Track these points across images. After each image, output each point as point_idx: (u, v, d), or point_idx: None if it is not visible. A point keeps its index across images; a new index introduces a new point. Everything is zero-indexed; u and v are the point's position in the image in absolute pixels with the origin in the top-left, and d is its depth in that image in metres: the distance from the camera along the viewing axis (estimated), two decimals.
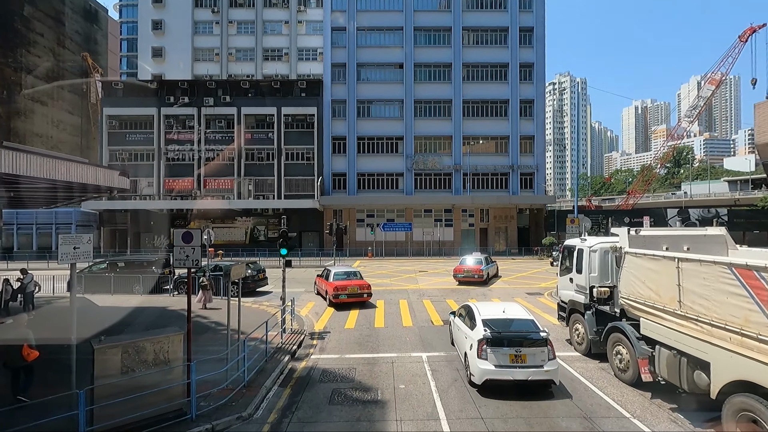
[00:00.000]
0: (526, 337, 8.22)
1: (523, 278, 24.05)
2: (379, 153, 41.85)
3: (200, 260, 9.06)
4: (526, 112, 41.99)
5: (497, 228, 42.22)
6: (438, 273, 26.30)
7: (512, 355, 8.05)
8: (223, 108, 41.31)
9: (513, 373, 7.94)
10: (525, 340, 8.17)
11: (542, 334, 8.25)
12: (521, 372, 7.94)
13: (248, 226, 42.02)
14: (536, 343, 8.13)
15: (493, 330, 8.31)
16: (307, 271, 27.93)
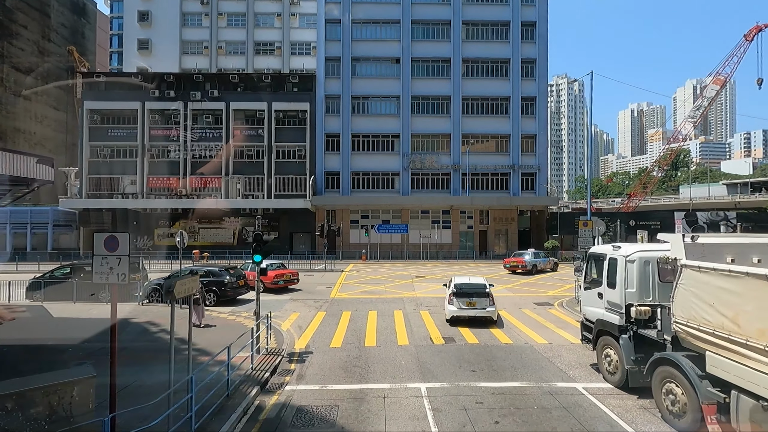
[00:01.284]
0: (476, 292, 13.90)
1: (528, 285, 22.27)
2: (374, 151, 40.02)
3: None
4: (527, 109, 40.30)
5: (497, 230, 40.46)
6: (436, 279, 24.47)
7: (467, 302, 13.72)
8: (211, 103, 39.33)
9: (467, 312, 13.69)
10: (475, 294, 13.83)
11: (486, 290, 13.99)
12: (472, 311, 13.68)
13: (236, 226, 40.03)
14: (482, 295, 13.80)
15: (459, 288, 14.07)
16: None
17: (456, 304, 13.64)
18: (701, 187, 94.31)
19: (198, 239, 39.52)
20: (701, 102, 55.29)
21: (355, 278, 24.78)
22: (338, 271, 27.71)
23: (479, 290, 13.81)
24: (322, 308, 16.54)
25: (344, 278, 24.86)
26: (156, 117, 39.17)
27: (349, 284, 22.54)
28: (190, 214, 39.66)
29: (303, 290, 20.68)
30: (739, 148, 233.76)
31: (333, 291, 20.39)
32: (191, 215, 39.70)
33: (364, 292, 20.19)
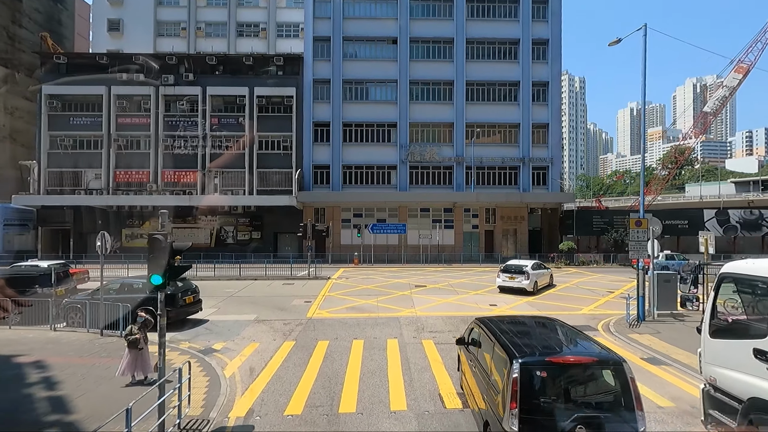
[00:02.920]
0: (516, 271, 18.88)
1: (554, 297, 18.22)
2: (368, 142, 35.90)
3: None
4: (539, 96, 36.25)
5: (505, 230, 36.42)
6: (440, 289, 20.40)
7: (509, 276, 18.85)
8: (186, 87, 35.13)
9: (510, 283, 18.73)
10: (515, 272, 18.80)
11: (524, 269, 18.79)
12: (512, 283, 18.62)
13: (214, 226, 35.85)
14: (520, 272, 18.72)
15: (505, 267, 19.50)
16: (273, 285, 21.88)
17: (501, 277, 19.25)
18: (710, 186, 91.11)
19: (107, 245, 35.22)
20: (722, 92, 51.40)
21: (343, 288, 20.68)
22: (324, 279, 23.59)
23: (517, 269, 19.11)
24: (292, 335, 12.43)
25: (329, 288, 20.74)
26: (124, 104, 34.93)
27: (334, 297, 18.43)
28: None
29: (275, 306, 16.55)
30: (740, 147, 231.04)
31: (312, 307, 16.28)
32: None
33: (351, 308, 16.09)
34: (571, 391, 5.00)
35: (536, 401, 4.83)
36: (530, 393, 4.86)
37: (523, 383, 4.85)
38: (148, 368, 8.70)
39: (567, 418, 4.60)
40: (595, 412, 4.77)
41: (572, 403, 4.85)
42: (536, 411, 4.77)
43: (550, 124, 35.85)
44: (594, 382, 5.07)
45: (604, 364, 5.06)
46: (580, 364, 5.02)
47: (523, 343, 5.57)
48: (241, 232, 35.75)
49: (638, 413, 4.73)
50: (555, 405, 4.83)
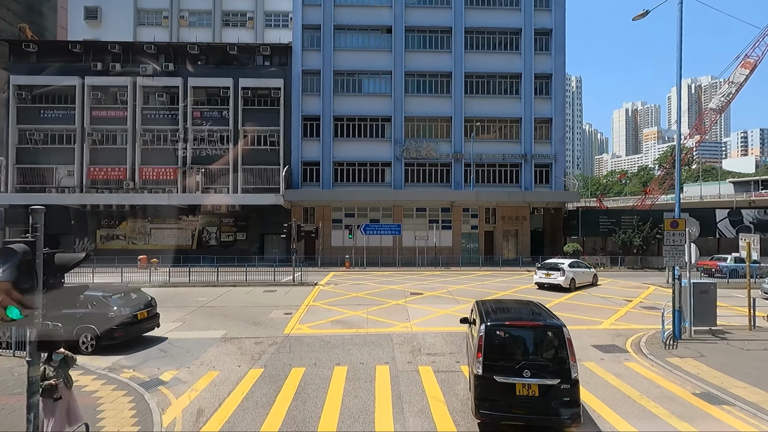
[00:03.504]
0: (552, 267, 19.98)
1: (567, 307, 16.17)
2: (361, 137, 33.79)
3: None
4: (542, 89, 34.29)
5: (506, 231, 34.41)
6: (438, 298, 18.32)
7: (546, 273, 19.94)
8: (166, 78, 32.88)
9: (546, 279, 19.78)
10: (551, 269, 19.91)
11: (560, 266, 19.86)
12: (551, 280, 19.62)
13: (196, 227, 33.56)
14: (556, 269, 19.80)
15: (541, 265, 20.73)
16: (253, 292, 19.69)
17: (539, 274, 20.26)
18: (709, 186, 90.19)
19: (150, 242, 33.07)
20: (728, 88, 49.67)
21: (330, 296, 18.54)
22: (310, 285, 21.42)
23: (553, 266, 20.12)
24: (262, 359, 10.28)
25: (315, 296, 18.59)
26: (99, 95, 32.61)
27: (318, 307, 16.28)
28: (141, 213, 33.12)
29: (249, 319, 14.37)
30: (735, 147, 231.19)
31: (292, 321, 14.12)
32: (141, 213, 33.17)
33: (336, 322, 13.95)
34: (522, 346, 6.62)
35: (495, 352, 6.46)
36: (491, 347, 6.47)
37: (487, 339, 6.49)
38: (78, 417, 6.40)
39: (516, 363, 6.31)
40: (537, 360, 6.41)
41: (522, 354, 6.49)
42: (495, 359, 6.41)
43: (553, 119, 33.90)
44: (540, 340, 6.65)
45: (548, 328, 6.64)
46: (530, 327, 6.68)
47: (495, 315, 7.11)
48: (225, 233, 33.50)
49: (571, 363, 6.28)
50: (509, 355, 6.48)
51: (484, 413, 6.35)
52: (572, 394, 6.20)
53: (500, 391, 6.29)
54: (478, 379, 6.40)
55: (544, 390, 6.21)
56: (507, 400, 6.26)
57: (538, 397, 6.20)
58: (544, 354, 6.53)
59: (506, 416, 6.31)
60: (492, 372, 6.33)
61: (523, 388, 6.22)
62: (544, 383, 6.21)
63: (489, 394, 6.35)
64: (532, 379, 6.22)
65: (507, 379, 6.26)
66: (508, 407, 6.27)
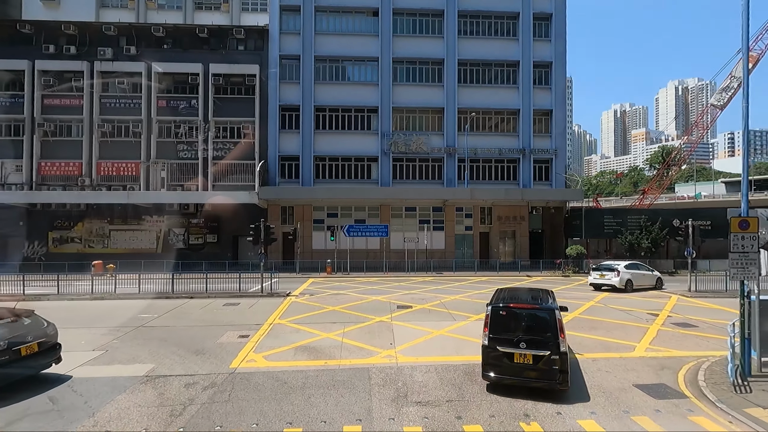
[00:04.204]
0: (607, 268, 20.06)
1: (583, 321, 13.40)
2: (344, 129, 30.87)
3: None
4: (541, 78, 31.71)
5: (502, 232, 31.73)
6: (431, 312, 15.47)
7: (600, 274, 20.02)
8: (127, 63, 29.62)
9: (602, 280, 19.82)
10: (605, 270, 20.00)
11: (614, 268, 19.88)
12: (605, 281, 19.75)
13: (161, 228, 30.28)
14: (610, 270, 19.80)
15: (596, 266, 20.94)
16: (211, 306, 16.59)
17: (593, 275, 20.48)
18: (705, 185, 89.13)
19: (109, 245, 29.71)
20: (729, 83, 47.74)
21: (302, 311, 15.54)
22: (281, 296, 18.39)
23: (607, 267, 20.34)
24: (183, 416, 7.24)
25: (284, 311, 15.59)
26: (51, 81, 29.18)
27: (284, 327, 13.29)
28: (99, 212, 29.77)
29: (191, 346, 11.32)
30: (723, 148, 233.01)
31: (245, 348, 11.09)
32: (100, 213, 29.81)
33: (302, 349, 10.98)
34: (520, 323, 8.05)
35: (498, 328, 7.98)
36: (495, 323, 8.01)
37: (492, 317, 8.08)
38: None
39: (515, 337, 7.85)
40: (532, 335, 7.83)
41: (520, 330, 7.95)
42: (498, 333, 7.95)
43: (553, 111, 31.33)
44: (536, 319, 8.05)
45: (542, 310, 8.13)
46: (527, 309, 8.22)
47: (503, 300, 8.58)
48: (194, 235, 30.27)
49: (560, 338, 7.66)
50: (509, 330, 7.96)
51: (488, 375, 7.89)
52: (560, 363, 7.50)
53: (502, 358, 7.77)
54: (485, 349, 7.93)
55: (537, 359, 7.58)
56: (507, 366, 7.73)
57: (532, 364, 7.59)
58: (537, 331, 7.81)
59: (505, 378, 7.79)
60: (495, 343, 7.81)
61: (520, 356, 7.65)
62: (536, 353, 7.57)
63: (493, 360, 7.84)
64: (527, 350, 7.61)
65: (507, 349, 7.72)
66: (507, 371, 7.75)
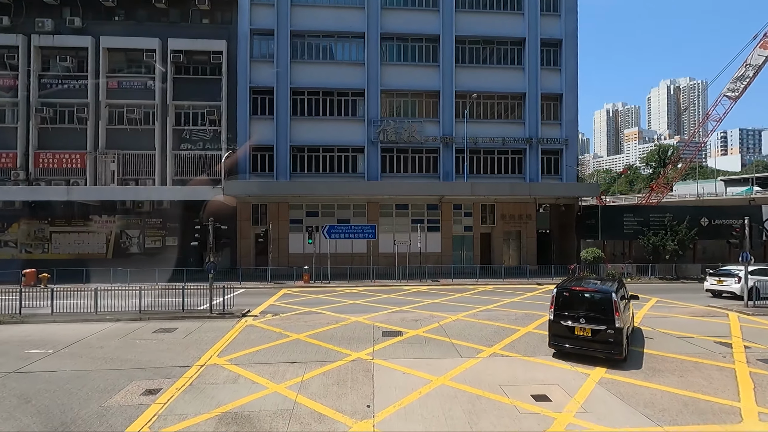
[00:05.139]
0: (725, 274, 18.42)
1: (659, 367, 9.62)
2: (326, 116, 26.92)
3: None
4: (549, 58, 28.02)
5: (506, 233, 27.98)
6: (426, 342, 11.62)
7: (717, 279, 18.47)
8: (71, 37, 25.41)
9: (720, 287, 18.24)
10: (724, 275, 18.37)
11: (735, 272, 17.94)
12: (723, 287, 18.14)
13: (112, 229, 26.06)
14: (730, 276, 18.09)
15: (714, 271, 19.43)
16: (136, 333, 12.52)
17: (709, 281, 18.91)
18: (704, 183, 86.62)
19: (50, 249, 25.44)
20: (744, 71, 44.52)
21: (254, 342, 11.57)
22: (234, 318, 14.36)
23: (728, 273, 18.45)
24: None
25: (229, 341, 11.60)
26: None
27: (218, 372, 9.32)
28: (38, 210, 25.49)
29: (60, 417, 7.29)
30: (716, 147, 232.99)
31: (144, 416, 7.12)
32: (39, 211, 25.52)
33: (228, 419, 7.04)
34: (581, 303, 9.64)
35: (562, 306, 9.69)
36: (559, 302, 9.72)
37: (557, 297, 9.77)
38: None
39: (576, 313, 9.53)
40: (591, 313, 9.43)
41: (581, 308, 9.56)
42: (562, 310, 9.66)
43: (563, 95, 27.64)
44: (595, 300, 9.55)
45: (600, 292, 9.57)
46: (586, 291, 9.74)
47: (568, 283, 10.57)
48: (151, 237, 26.10)
49: (616, 316, 9.12)
50: (572, 308, 9.61)
51: (554, 344, 9.78)
52: (615, 336, 9.09)
53: (565, 330, 9.56)
54: (551, 322, 9.77)
55: (595, 332, 9.27)
56: (569, 337, 9.53)
57: (590, 336, 9.30)
58: (596, 309, 9.41)
59: (567, 347, 9.61)
60: (560, 318, 9.63)
61: (580, 329, 9.39)
62: (594, 328, 9.28)
63: (558, 332, 9.70)
64: (586, 324, 9.34)
65: (569, 323, 9.51)
66: (569, 341, 9.54)
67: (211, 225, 14.57)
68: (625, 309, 10.01)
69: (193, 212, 25.35)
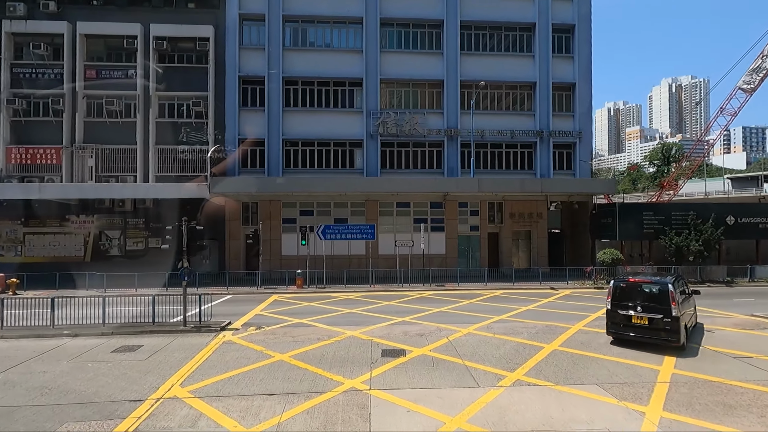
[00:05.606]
0: None
1: (701, 384, 7.74)
2: (321, 107, 25.05)
3: None
4: (561, 45, 26.13)
5: (515, 233, 26.09)
6: (435, 363, 9.74)
7: None
8: (46, 23, 23.57)
9: None
10: None
11: None
12: None
13: (90, 230, 24.19)
14: None
15: None
16: (89, 354, 10.64)
17: None
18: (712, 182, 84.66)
19: (24, 252, 23.61)
20: (761, 63, 42.56)
21: (228, 366, 9.69)
22: (212, 331, 12.46)
23: None
24: None
25: (199, 364, 9.71)
26: None
27: (176, 408, 7.45)
28: (11, 210, 23.61)
29: None
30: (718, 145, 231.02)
31: None
32: (11, 212, 23.66)
33: None
34: (638, 294, 10.39)
35: (619, 296, 10.51)
36: (616, 293, 10.56)
37: (613, 289, 10.67)
38: None
39: (633, 302, 10.32)
40: (648, 302, 10.18)
41: (638, 298, 10.33)
42: (618, 300, 10.48)
43: (577, 84, 25.74)
44: (652, 291, 10.26)
45: (656, 284, 10.32)
46: (642, 283, 10.53)
47: (624, 275, 12.17)
48: (133, 238, 24.23)
49: (672, 306, 9.82)
50: (628, 298, 10.41)
51: (612, 332, 10.61)
52: (672, 325, 9.77)
53: (622, 318, 10.37)
54: (608, 312, 10.63)
55: (651, 321, 10.02)
56: (626, 325, 10.35)
57: (648, 325, 10.06)
58: (653, 299, 10.13)
59: (625, 334, 10.43)
60: (617, 308, 10.43)
61: (637, 318, 10.19)
62: (651, 317, 10.01)
63: (614, 320, 10.51)
64: (643, 313, 10.11)
65: (626, 312, 10.31)
66: (626, 329, 10.37)
67: (185, 226, 12.65)
68: (684, 302, 10.56)
69: (178, 211, 23.42)
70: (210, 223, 23.56)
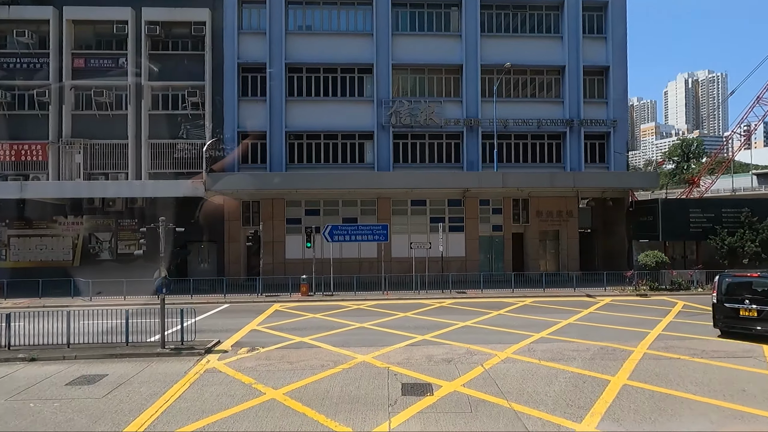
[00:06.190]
0: None
1: None
2: (328, 96, 22.92)
3: None
4: (592, 25, 23.64)
5: (543, 233, 23.63)
6: (470, 406, 7.45)
7: None
8: (30, 8, 21.88)
9: None
10: None
11: None
12: None
13: (79, 232, 22.36)
14: None
15: None
16: (38, 388, 8.50)
17: None
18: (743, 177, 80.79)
19: (9, 257, 21.90)
20: None
21: (203, 409, 7.54)
22: (195, 355, 10.34)
23: None
24: None
25: (167, 406, 7.56)
26: None
27: None
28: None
29: None
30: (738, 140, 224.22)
31: None
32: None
33: None
34: (745, 288, 10.85)
35: (725, 291, 10.99)
36: (721, 288, 11.03)
37: (718, 284, 11.17)
38: None
39: (742, 297, 10.70)
40: (757, 295, 10.55)
41: (746, 293, 10.74)
42: (724, 294, 10.96)
43: (610, 68, 23.23)
44: (761, 285, 10.66)
45: (764, 278, 10.74)
46: (748, 277, 11.10)
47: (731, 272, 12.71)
48: (125, 240, 22.35)
49: None
50: (735, 293, 10.86)
51: (719, 325, 11.12)
52: None
53: (728, 312, 10.82)
54: (714, 305, 11.18)
55: (760, 312, 10.33)
56: (733, 318, 10.76)
57: (757, 317, 10.36)
58: (762, 292, 10.52)
59: (732, 327, 10.86)
60: (723, 302, 10.89)
61: (745, 311, 10.52)
62: (761, 308, 10.31)
63: (721, 314, 11.02)
64: (752, 305, 10.43)
65: (732, 305, 10.73)
66: (735, 321, 10.75)
67: (162, 228, 10.57)
68: None
69: (173, 211, 21.46)
70: (208, 224, 21.66)
